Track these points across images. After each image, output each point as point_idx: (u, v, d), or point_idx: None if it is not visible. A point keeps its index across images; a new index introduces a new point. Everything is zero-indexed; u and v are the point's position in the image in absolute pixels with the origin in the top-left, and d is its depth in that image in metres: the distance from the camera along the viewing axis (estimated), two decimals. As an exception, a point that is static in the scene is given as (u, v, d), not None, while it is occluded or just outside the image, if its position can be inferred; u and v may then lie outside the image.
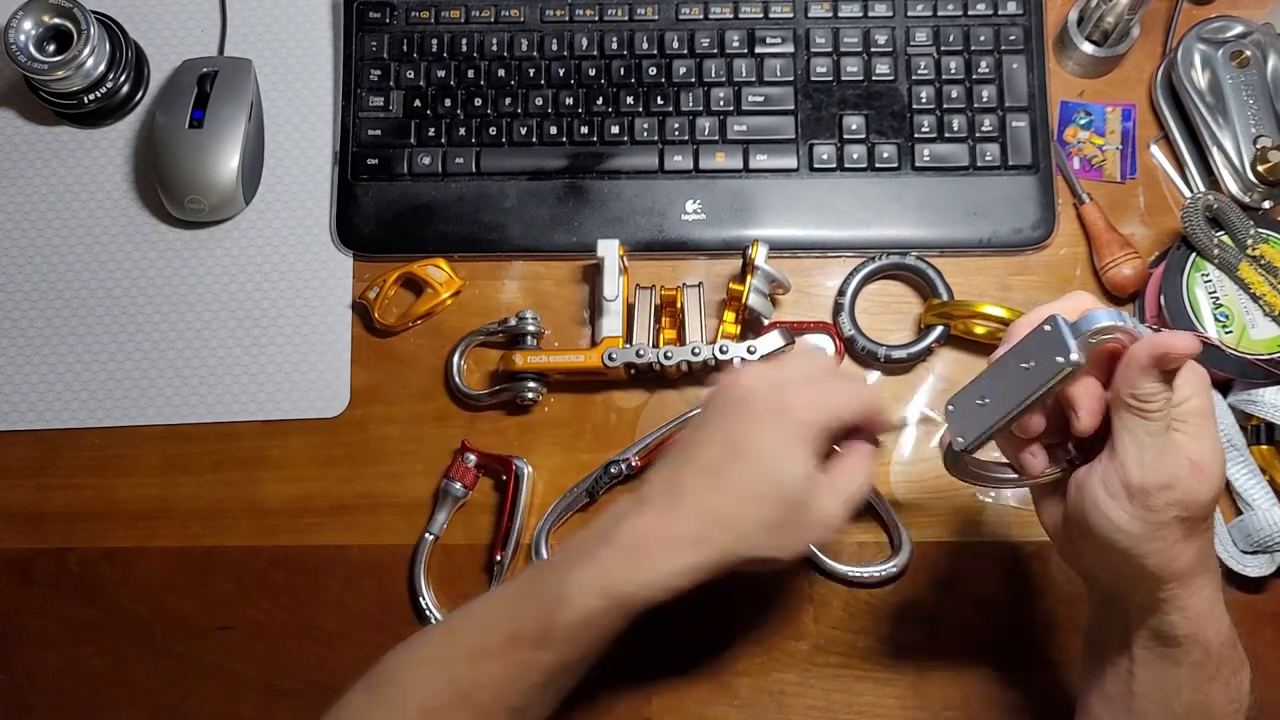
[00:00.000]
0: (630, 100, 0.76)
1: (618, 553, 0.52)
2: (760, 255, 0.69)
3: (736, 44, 0.77)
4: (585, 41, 0.77)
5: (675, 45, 0.77)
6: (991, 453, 0.54)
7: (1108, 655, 0.54)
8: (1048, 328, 0.48)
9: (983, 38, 0.76)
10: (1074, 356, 0.47)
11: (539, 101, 0.76)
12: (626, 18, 0.77)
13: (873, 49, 0.76)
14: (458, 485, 0.70)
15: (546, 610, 0.51)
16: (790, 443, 0.52)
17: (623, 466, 0.69)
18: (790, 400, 0.53)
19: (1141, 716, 0.52)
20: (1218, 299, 0.68)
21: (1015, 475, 0.54)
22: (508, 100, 0.76)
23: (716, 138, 0.75)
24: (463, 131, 0.76)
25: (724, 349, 0.69)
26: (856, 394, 0.55)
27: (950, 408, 0.52)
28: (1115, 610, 0.53)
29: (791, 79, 0.76)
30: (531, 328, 0.72)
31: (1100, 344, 0.48)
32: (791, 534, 0.53)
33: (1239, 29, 0.74)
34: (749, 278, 0.70)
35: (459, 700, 0.52)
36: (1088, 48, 0.76)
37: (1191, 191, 0.75)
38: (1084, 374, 0.49)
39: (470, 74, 0.77)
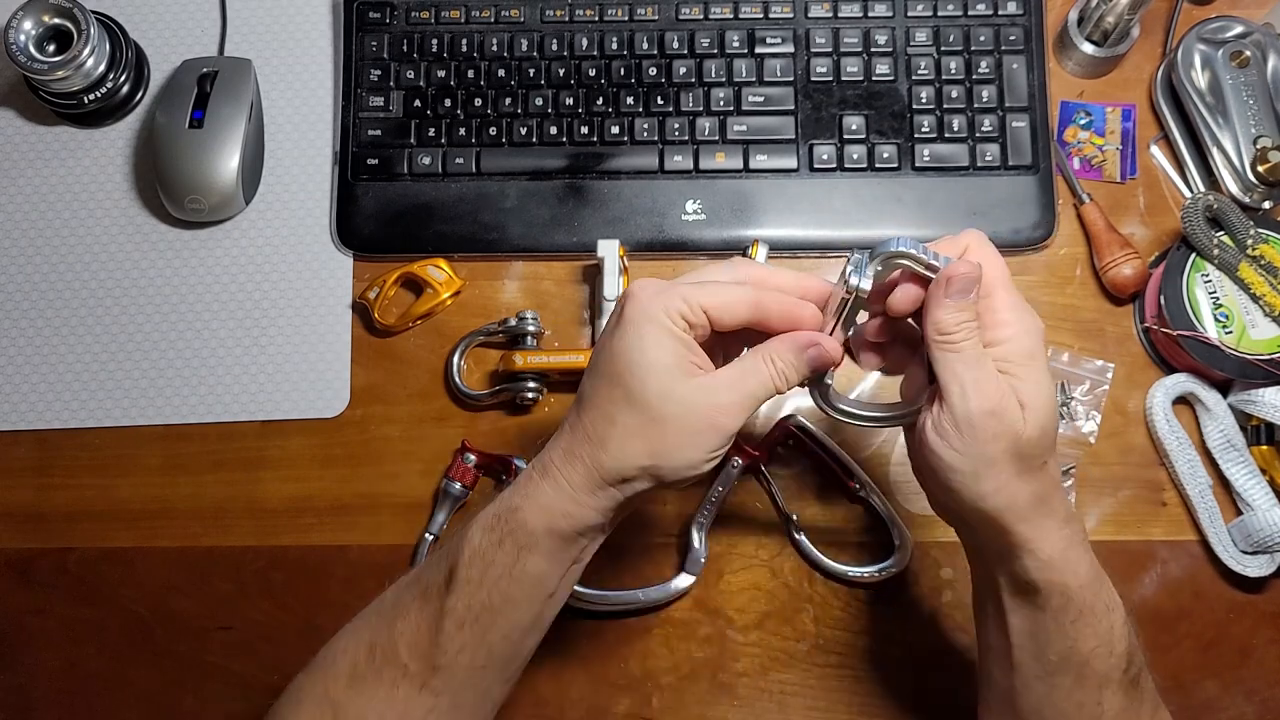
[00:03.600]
0: (630, 100, 0.76)
1: (512, 486, 0.52)
2: (760, 255, 0.69)
3: (736, 44, 0.77)
4: (585, 41, 0.77)
5: (675, 45, 0.77)
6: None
7: (986, 609, 0.55)
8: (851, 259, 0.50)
9: (983, 38, 0.76)
10: (855, 282, 0.49)
11: (539, 101, 0.76)
12: (626, 18, 0.77)
13: (873, 49, 0.76)
14: (458, 485, 0.70)
15: (451, 556, 0.52)
16: (644, 339, 0.49)
17: (623, 466, 0.69)
18: (655, 298, 0.49)
19: (1020, 667, 0.53)
20: (1218, 299, 0.68)
21: (879, 415, 0.54)
22: (508, 100, 0.76)
23: (716, 138, 0.75)
24: (463, 131, 0.76)
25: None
26: (734, 291, 0.50)
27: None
28: (981, 561, 0.54)
29: (791, 79, 0.76)
30: (531, 328, 0.72)
31: (889, 271, 0.50)
32: (664, 437, 0.49)
33: (1239, 29, 0.74)
34: (749, 278, 0.70)
35: (385, 661, 0.52)
36: (1088, 48, 0.76)
37: (1191, 191, 0.75)
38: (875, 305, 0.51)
39: (470, 74, 0.77)
